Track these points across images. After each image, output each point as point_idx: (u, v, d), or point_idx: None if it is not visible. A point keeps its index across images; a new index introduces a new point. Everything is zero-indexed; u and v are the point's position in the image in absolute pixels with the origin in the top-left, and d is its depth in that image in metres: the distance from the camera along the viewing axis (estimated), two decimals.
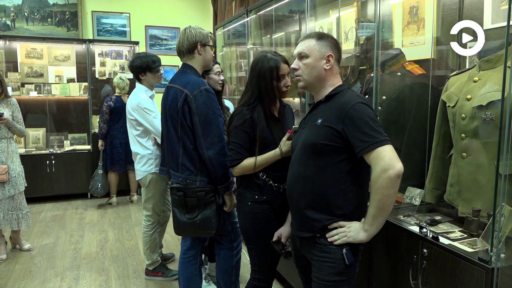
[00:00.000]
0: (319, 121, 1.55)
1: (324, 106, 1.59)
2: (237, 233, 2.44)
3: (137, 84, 3.00)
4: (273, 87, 1.90)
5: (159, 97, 2.79)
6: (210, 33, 2.31)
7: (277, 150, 1.88)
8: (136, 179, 3.07)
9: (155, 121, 2.81)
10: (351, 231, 1.51)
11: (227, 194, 2.21)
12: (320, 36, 1.60)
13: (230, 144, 1.93)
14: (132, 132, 2.99)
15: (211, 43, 2.29)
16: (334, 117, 1.51)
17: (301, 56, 1.60)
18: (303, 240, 1.65)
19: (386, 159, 1.39)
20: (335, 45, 1.61)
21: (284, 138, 1.88)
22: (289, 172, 1.68)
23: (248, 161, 1.89)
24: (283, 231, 1.88)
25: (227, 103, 3.07)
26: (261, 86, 1.89)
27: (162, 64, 3.06)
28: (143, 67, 2.88)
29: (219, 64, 2.71)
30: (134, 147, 2.99)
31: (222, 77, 2.66)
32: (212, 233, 2.22)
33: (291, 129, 1.86)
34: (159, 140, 2.85)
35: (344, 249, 1.54)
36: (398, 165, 1.39)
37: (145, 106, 2.83)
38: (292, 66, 1.64)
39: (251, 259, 2.03)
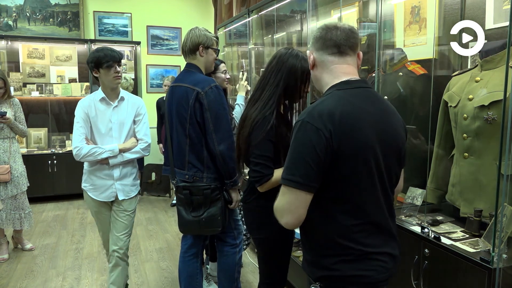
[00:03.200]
0: None
1: None
2: (239, 231, 2.47)
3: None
4: (298, 88, 1.76)
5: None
6: (216, 37, 2.32)
7: None
8: None
9: (74, 128, 2.34)
10: None
11: (234, 189, 2.24)
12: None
13: (256, 158, 1.67)
14: None
15: (215, 46, 2.30)
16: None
17: None
18: None
19: (280, 204, 1.20)
20: (319, 35, 1.28)
21: None
22: None
23: (278, 173, 1.68)
24: None
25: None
26: (290, 83, 1.72)
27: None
28: (94, 63, 2.29)
29: (224, 63, 2.71)
30: None
31: (228, 76, 2.69)
32: (217, 230, 2.24)
33: None
34: (76, 153, 2.30)
35: (312, 286, 1.28)
36: (284, 220, 1.19)
37: (76, 111, 2.37)
38: None
39: (265, 270, 1.93)
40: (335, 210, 1.21)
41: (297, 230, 2.02)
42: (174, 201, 4.98)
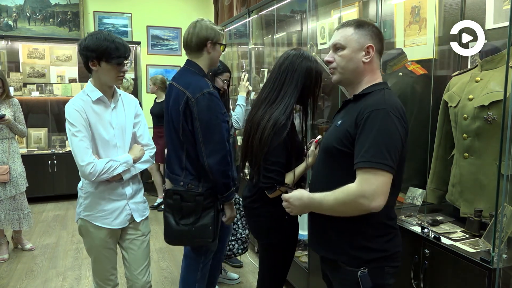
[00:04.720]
0: (339, 122, 1.40)
1: (352, 106, 1.39)
2: (214, 247, 2.25)
3: (88, 82, 1.94)
4: (312, 91, 1.73)
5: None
6: (222, 29, 2.09)
7: (307, 161, 1.75)
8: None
9: (74, 140, 1.80)
10: (292, 206, 1.43)
11: (227, 204, 2.06)
12: (359, 24, 1.38)
13: (271, 164, 1.66)
14: None
15: (222, 41, 2.04)
16: (353, 119, 1.32)
17: (337, 48, 1.39)
18: (323, 257, 1.53)
19: (373, 187, 1.22)
20: (377, 34, 1.39)
21: (313, 147, 1.75)
22: (312, 175, 1.57)
23: (288, 178, 1.71)
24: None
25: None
26: (306, 84, 1.69)
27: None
28: (97, 52, 1.78)
29: (230, 73, 2.63)
30: None
31: (225, 87, 2.61)
32: (208, 242, 2.02)
33: (318, 139, 1.75)
34: (90, 171, 1.80)
35: (359, 272, 1.34)
36: (377, 204, 1.22)
37: (67, 116, 1.84)
38: (326, 58, 1.43)
39: (267, 274, 1.93)
40: (389, 194, 1.31)
41: (302, 232, 2.03)
42: (159, 201, 4.98)
